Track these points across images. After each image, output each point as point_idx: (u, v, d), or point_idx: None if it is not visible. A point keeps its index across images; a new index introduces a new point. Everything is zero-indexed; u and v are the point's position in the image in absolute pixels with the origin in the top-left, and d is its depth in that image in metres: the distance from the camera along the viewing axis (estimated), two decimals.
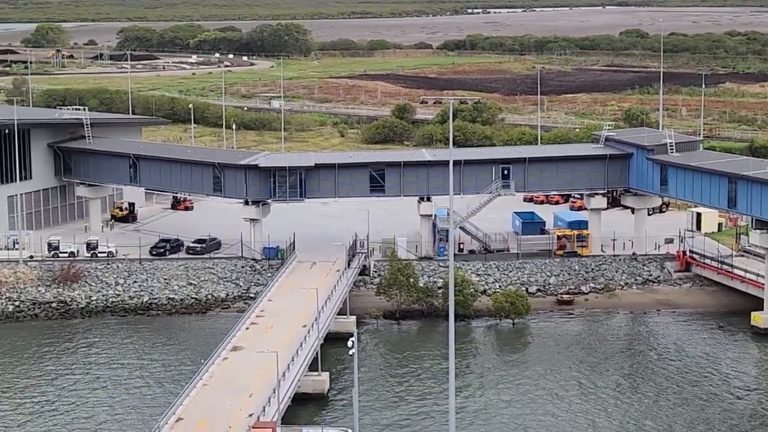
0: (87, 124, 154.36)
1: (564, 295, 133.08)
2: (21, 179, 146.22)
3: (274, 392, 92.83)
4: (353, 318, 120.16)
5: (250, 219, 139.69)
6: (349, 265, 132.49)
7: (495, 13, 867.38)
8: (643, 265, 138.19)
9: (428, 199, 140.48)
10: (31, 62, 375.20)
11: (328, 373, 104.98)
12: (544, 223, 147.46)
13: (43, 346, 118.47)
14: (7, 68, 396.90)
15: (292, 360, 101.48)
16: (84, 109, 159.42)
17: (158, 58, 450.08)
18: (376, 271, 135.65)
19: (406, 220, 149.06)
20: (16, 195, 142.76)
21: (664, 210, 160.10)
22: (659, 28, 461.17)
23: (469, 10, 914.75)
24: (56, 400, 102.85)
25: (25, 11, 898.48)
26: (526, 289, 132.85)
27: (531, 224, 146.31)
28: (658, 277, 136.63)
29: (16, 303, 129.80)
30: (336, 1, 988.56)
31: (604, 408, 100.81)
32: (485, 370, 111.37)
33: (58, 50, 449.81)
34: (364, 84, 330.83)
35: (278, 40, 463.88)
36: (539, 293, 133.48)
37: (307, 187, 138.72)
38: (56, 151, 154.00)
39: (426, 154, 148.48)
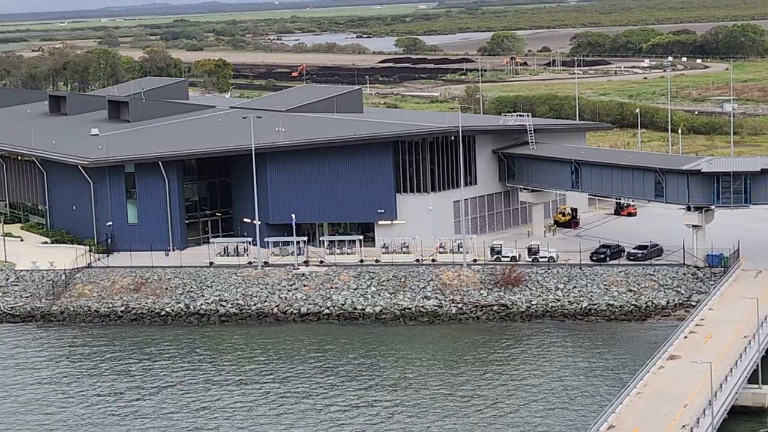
0: (530, 130, 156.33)
1: None
2: (466, 185, 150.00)
3: (710, 404, 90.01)
4: None
5: (693, 225, 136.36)
6: None
7: None
8: None
9: None
10: (485, 70, 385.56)
11: None
12: None
13: (483, 348, 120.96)
14: (462, 76, 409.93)
15: (730, 371, 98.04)
16: (528, 115, 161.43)
17: (610, 63, 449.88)
18: None
19: None
20: (461, 200, 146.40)
21: None
22: None
23: None
24: (490, 396, 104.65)
25: (483, 20, 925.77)
26: None
27: None
28: None
29: (459, 305, 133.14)
30: None
31: None
32: None
33: (512, 58, 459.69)
34: None
35: (734, 42, 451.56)
36: None
37: (753, 193, 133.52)
38: (500, 157, 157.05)
39: None
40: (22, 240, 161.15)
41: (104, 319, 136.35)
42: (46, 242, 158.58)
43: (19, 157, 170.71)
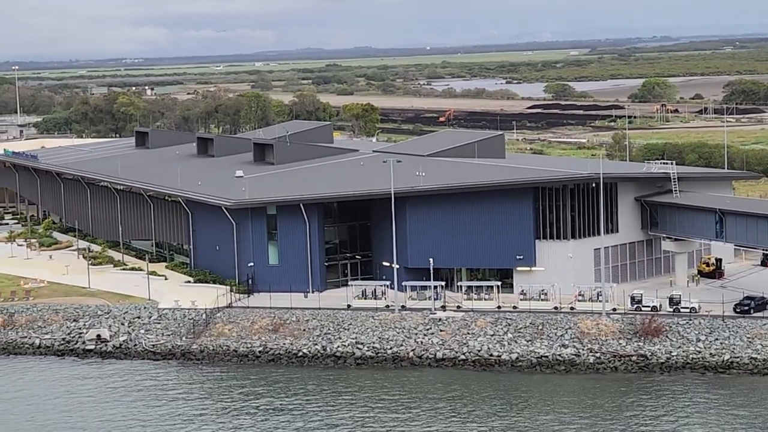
0: (674, 178, 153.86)
1: None
2: (607, 232, 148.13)
3: None
4: None
5: None
6: None
7: None
8: None
9: None
10: (634, 117, 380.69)
11: None
12: None
13: (621, 399, 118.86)
14: (612, 123, 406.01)
15: None
16: (672, 163, 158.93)
17: (764, 111, 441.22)
18: None
19: None
20: (601, 248, 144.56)
21: None
22: None
23: None
24: None
25: (636, 67, 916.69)
26: None
27: None
28: None
29: (597, 354, 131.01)
30: None
31: None
32: None
33: (662, 105, 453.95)
34: None
35: None
36: None
37: None
38: (643, 205, 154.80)
39: None
40: (166, 279, 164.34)
41: (242, 359, 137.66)
42: (189, 281, 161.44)
43: (167, 198, 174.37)
